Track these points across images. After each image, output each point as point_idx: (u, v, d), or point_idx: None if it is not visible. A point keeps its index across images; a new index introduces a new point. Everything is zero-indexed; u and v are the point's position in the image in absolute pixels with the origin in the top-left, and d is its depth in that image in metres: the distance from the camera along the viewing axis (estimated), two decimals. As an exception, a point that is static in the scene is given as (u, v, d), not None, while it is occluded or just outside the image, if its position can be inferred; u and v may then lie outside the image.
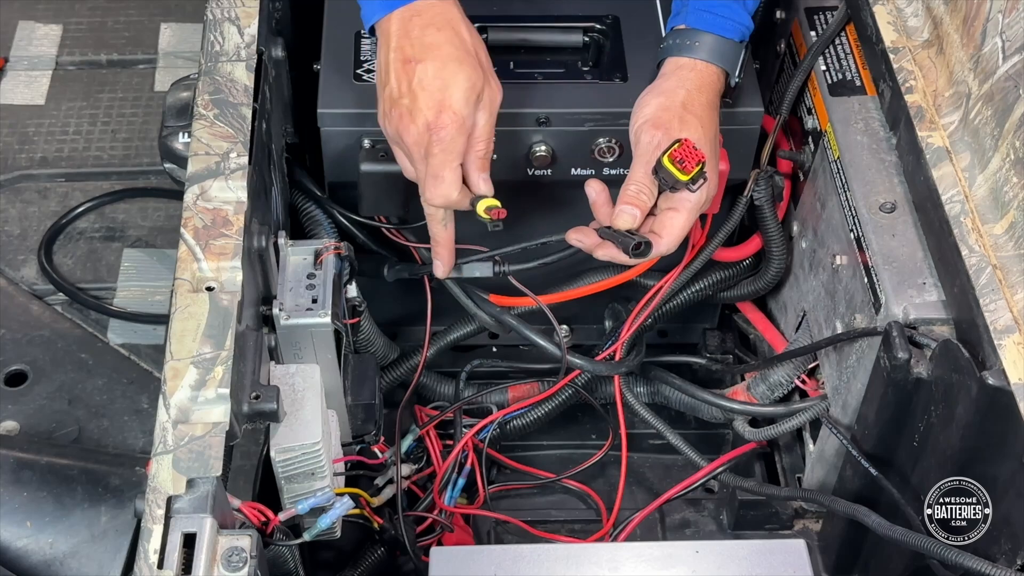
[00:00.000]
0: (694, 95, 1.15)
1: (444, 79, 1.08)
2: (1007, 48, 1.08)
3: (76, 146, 1.86)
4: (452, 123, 1.08)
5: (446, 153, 1.09)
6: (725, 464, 1.35)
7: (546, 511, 1.43)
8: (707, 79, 1.17)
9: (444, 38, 1.09)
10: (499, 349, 1.55)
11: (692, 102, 1.14)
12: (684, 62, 1.17)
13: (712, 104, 1.16)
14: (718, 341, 1.52)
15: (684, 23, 1.19)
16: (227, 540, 0.88)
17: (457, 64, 1.08)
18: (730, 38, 1.18)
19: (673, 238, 1.14)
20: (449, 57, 1.08)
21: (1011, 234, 1.04)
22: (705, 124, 1.14)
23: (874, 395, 1.13)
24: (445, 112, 1.08)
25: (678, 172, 1.09)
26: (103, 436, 1.46)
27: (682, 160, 1.09)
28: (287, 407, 1.06)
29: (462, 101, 1.08)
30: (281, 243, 1.17)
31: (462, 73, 1.08)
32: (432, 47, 1.09)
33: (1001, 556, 1.00)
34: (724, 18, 1.18)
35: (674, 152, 1.09)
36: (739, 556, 1.12)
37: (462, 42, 1.10)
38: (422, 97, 1.08)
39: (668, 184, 1.11)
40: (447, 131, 1.08)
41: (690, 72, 1.17)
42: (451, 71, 1.08)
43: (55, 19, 2.05)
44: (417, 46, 1.09)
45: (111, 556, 1.16)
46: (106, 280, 1.68)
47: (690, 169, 1.09)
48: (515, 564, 1.11)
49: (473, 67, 1.09)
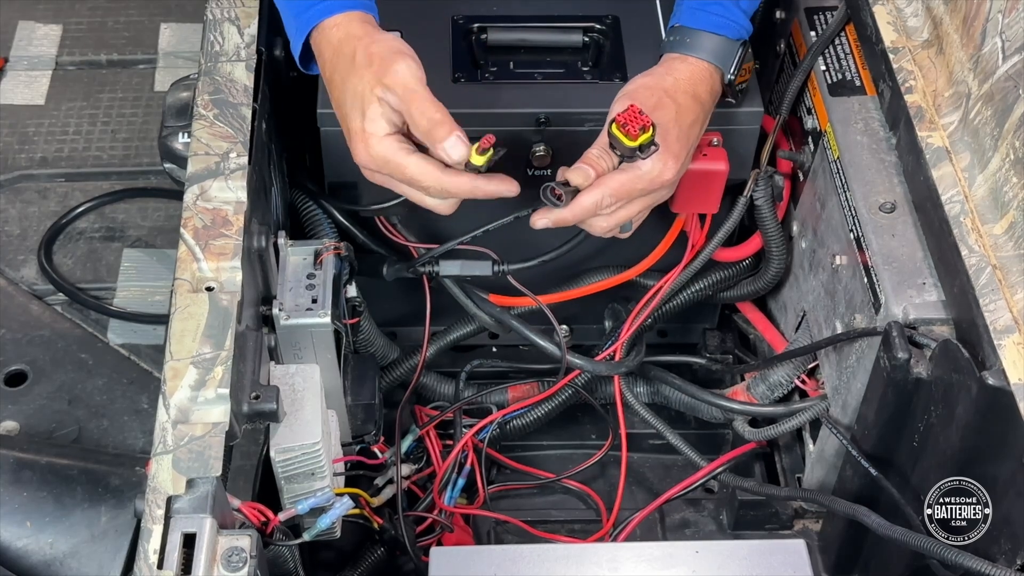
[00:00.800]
0: (680, 84, 1.15)
1: (342, 106, 1.09)
2: (1007, 48, 1.08)
3: (76, 146, 1.86)
4: (360, 144, 1.08)
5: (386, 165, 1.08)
6: (725, 464, 1.35)
7: (546, 511, 1.43)
8: (698, 74, 1.17)
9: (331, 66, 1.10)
10: (499, 349, 1.55)
11: (676, 90, 1.14)
12: (677, 57, 1.18)
13: (697, 97, 1.16)
14: (718, 341, 1.52)
15: (680, 22, 1.20)
16: (227, 540, 0.88)
17: (342, 84, 1.08)
18: (724, 35, 1.17)
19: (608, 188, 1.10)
20: (342, 81, 1.08)
21: (1011, 234, 1.04)
22: (682, 112, 1.13)
23: (874, 395, 1.13)
24: (355, 140, 1.08)
25: (624, 137, 1.07)
26: (103, 436, 1.46)
27: (625, 124, 1.07)
28: (287, 407, 1.06)
29: (358, 118, 1.07)
30: (281, 243, 1.17)
31: (347, 90, 1.08)
32: (330, 82, 1.10)
33: (1001, 556, 1.00)
34: (717, 16, 1.18)
35: (618, 117, 1.08)
36: (739, 556, 1.12)
37: (348, 59, 1.08)
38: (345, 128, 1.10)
39: (620, 152, 1.10)
40: (363, 154, 1.08)
41: (681, 64, 1.17)
42: (340, 94, 1.09)
43: (55, 19, 2.05)
44: (328, 83, 1.11)
45: (111, 556, 1.16)
46: (106, 280, 1.68)
47: (634, 133, 1.07)
48: (515, 564, 1.11)
49: (358, 74, 1.07)
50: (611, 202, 1.12)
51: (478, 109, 1.23)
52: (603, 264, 1.40)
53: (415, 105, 1.06)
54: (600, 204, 1.12)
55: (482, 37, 1.31)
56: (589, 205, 1.11)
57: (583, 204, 1.11)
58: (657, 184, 1.13)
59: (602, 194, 1.11)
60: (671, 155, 1.12)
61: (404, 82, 1.06)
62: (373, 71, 1.06)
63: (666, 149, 1.11)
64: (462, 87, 1.26)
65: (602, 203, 1.12)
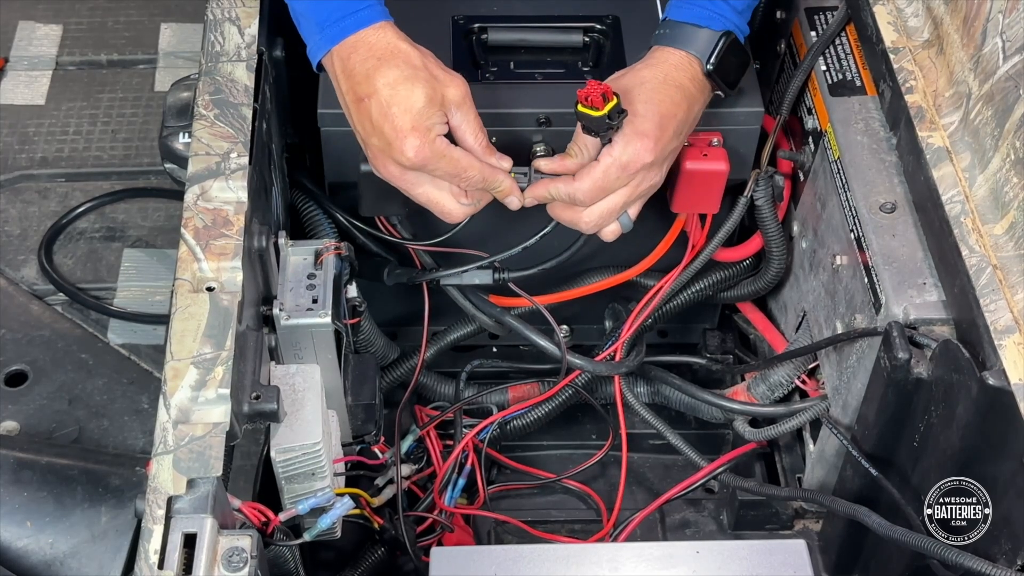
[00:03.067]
0: (650, 70, 1.16)
1: (399, 105, 1.08)
2: (1007, 48, 1.08)
3: (76, 146, 1.86)
4: (422, 139, 1.08)
5: (440, 158, 1.09)
6: (725, 464, 1.35)
7: (546, 511, 1.43)
8: (676, 62, 1.17)
9: (385, 65, 1.09)
10: (499, 349, 1.55)
11: (644, 77, 1.16)
12: (655, 49, 1.20)
13: (671, 81, 1.16)
14: (718, 341, 1.52)
15: (666, 15, 1.22)
16: (227, 540, 0.88)
17: (408, 84, 1.08)
18: (707, 27, 1.18)
19: (583, 186, 1.13)
20: (396, 81, 1.08)
21: (1011, 234, 1.04)
22: (654, 95, 1.14)
23: (874, 395, 1.13)
24: (410, 136, 1.08)
25: (590, 110, 1.09)
26: (103, 436, 1.46)
27: (588, 97, 1.08)
28: (287, 407, 1.06)
29: (423, 116, 1.08)
30: (281, 243, 1.17)
31: (414, 92, 1.08)
32: (376, 78, 1.09)
33: (1001, 556, 1.00)
34: (700, 8, 1.19)
35: (579, 93, 1.09)
36: (739, 556, 1.12)
37: (404, 61, 1.09)
38: (386, 131, 1.08)
39: (594, 128, 1.11)
40: (423, 148, 1.08)
41: (654, 54, 1.19)
42: (403, 94, 1.08)
43: (55, 19, 2.05)
44: (363, 82, 1.09)
45: (111, 556, 1.16)
46: (106, 280, 1.68)
47: (598, 103, 1.08)
48: (515, 564, 1.11)
49: (424, 79, 1.09)
50: (585, 197, 1.14)
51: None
52: (603, 264, 1.40)
53: (471, 123, 1.11)
54: (574, 197, 1.14)
55: (482, 37, 1.31)
56: (562, 192, 1.15)
57: (556, 187, 1.15)
58: (635, 168, 1.13)
59: (576, 188, 1.14)
60: (643, 135, 1.12)
61: (465, 99, 1.11)
62: (439, 83, 1.09)
63: (637, 131, 1.12)
64: (462, 87, 1.26)
65: (575, 197, 1.14)
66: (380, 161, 1.12)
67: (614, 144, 1.12)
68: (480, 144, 1.12)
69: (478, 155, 1.12)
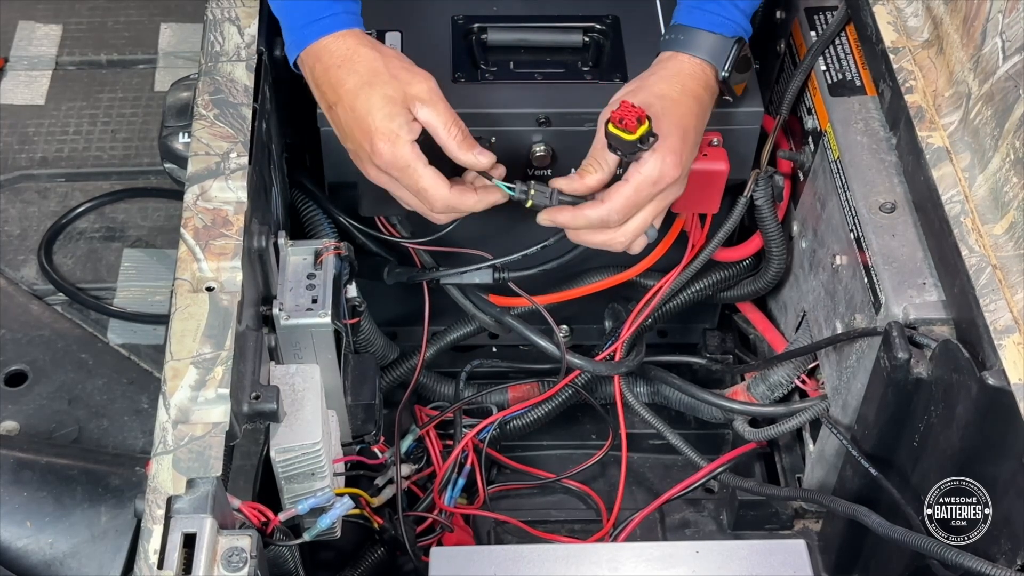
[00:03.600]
0: (667, 81, 1.15)
1: (361, 109, 1.10)
2: (1007, 48, 1.08)
3: (76, 146, 1.86)
4: (386, 143, 1.09)
5: (403, 170, 1.11)
6: (725, 464, 1.35)
7: (546, 511, 1.43)
8: (687, 69, 1.17)
9: (344, 71, 1.11)
10: (499, 349, 1.55)
11: (662, 87, 1.15)
12: (668, 55, 1.18)
13: (688, 91, 1.16)
14: (718, 341, 1.52)
15: (677, 20, 1.20)
16: (227, 540, 0.88)
17: (367, 88, 1.09)
18: (718, 33, 1.18)
19: (614, 206, 1.12)
20: (358, 87, 1.10)
21: (1011, 234, 1.04)
22: (671, 107, 1.13)
23: (874, 395, 1.13)
24: (375, 138, 1.09)
25: (622, 132, 1.08)
26: (103, 436, 1.46)
27: (622, 119, 1.08)
28: (287, 407, 1.06)
29: (385, 119, 1.09)
30: (281, 243, 1.17)
31: (374, 95, 1.09)
32: (340, 84, 1.11)
33: (1001, 556, 1.00)
34: (712, 14, 1.18)
35: (613, 115, 1.08)
36: (739, 556, 1.12)
37: (364, 65, 1.11)
38: (356, 135, 1.11)
39: (622, 150, 1.10)
40: (387, 153, 1.10)
41: (669, 62, 1.18)
42: (363, 99, 1.09)
43: (55, 19, 2.05)
44: (329, 91, 1.12)
45: (111, 556, 1.16)
46: (106, 280, 1.68)
47: (632, 126, 1.07)
48: (515, 564, 1.11)
49: (383, 81, 1.10)
50: (619, 217, 1.13)
51: (478, 109, 1.23)
52: (603, 264, 1.40)
53: (441, 117, 1.11)
54: (607, 220, 1.13)
55: (482, 37, 1.31)
56: (594, 217, 1.13)
57: (586, 215, 1.14)
58: (664, 184, 1.13)
59: (608, 210, 1.12)
60: (670, 151, 1.12)
61: (431, 95, 1.11)
62: (400, 82, 1.10)
63: (664, 146, 1.11)
64: (462, 87, 1.26)
65: (609, 219, 1.13)
66: (359, 163, 1.15)
67: (643, 161, 1.11)
68: (454, 138, 1.12)
69: (453, 150, 1.12)
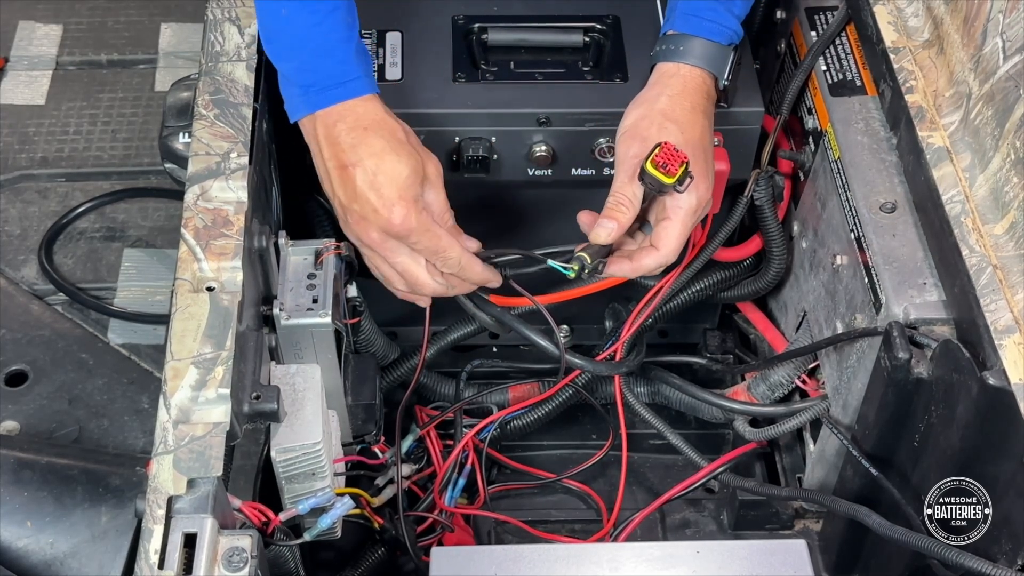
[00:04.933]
0: (676, 100, 1.15)
1: (385, 174, 1.08)
2: (1008, 48, 1.08)
3: (76, 146, 1.86)
4: (409, 208, 1.09)
5: (424, 232, 1.10)
6: (725, 464, 1.35)
7: (546, 511, 1.43)
8: (691, 83, 1.16)
9: (373, 135, 1.09)
10: (499, 349, 1.55)
11: (672, 108, 1.14)
12: (669, 67, 1.18)
13: (697, 107, 1.16)
14: (718, 341, 1.52)
15: (672, 28, 1.19)
16: (228, 540, 0.88)
17: (394, 156, 1.08)
18: (717, 41, 1.17)
19: (670, 248, 1.14)
20: (384, 152, 1.08)
21: (1011, 234, 1.04)
22: (686, 128, 1.13)
23: (874, 395, 1.13)
24: (397, 204, 1.08)
25: (662, 176, 1.09)
26: (103, 436, 1.46)
27: (665, 164, 1.09)
28: (287, 407, 1.06)
29: (409, 188, 1.09)
30: (281, 243, 1.17)
31: (400, 163, 1.08)
32: (363, 147, 1.09)
33: (1001, 556, 1.00)
34: (710, 22, 1.18)
35: (656, 157, 1.09)
36: (740, 556, 1.12)
37: (391, 133, 1.10)
38: (371, 198, 1.08)
39: (655, 189, 1.11)
40: (410, 218, 1.09)
41: (673, 78, 1.17)
42: (389, 164, 1.08)
43: (55, 19, 2.06)
44: (349, 151, 1.09)
45: (111, 556, 1.16)
46: (106, 280, 1.68)
47: (674, 171, 1.09)
48: (515, 564, 1.11)
49: (409, 153, 1.09)
50: (675, 256, 1.16)
51: (478, 109, 1.23)
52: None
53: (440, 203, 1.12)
54: (665, 263, 1.15)
55: (482, 37, 1.31)
56: (653, 265, 1.15)
57: (646, 265, 1.15)
58: (700, 208, 1.15)
59: (665, 255, 1.14)
60: (701, 177, 1.13)
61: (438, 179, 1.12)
62: (417, 157, 1.10)
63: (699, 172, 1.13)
64: (462, 87, 1.26)
65: (668, 262, 1.15)
66: (361, 227, 1.11)
67: (679, 197, 1.12)
68: (447, 225, 1.13)
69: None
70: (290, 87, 1.12)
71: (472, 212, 1.19)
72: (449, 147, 1.25)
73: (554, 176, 1.28)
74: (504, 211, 1.35)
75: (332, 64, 1.09)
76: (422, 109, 1.23)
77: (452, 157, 1.25)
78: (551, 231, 1.33)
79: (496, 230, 1.32)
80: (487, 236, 1.32)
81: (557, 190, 1.33)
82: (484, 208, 1.32)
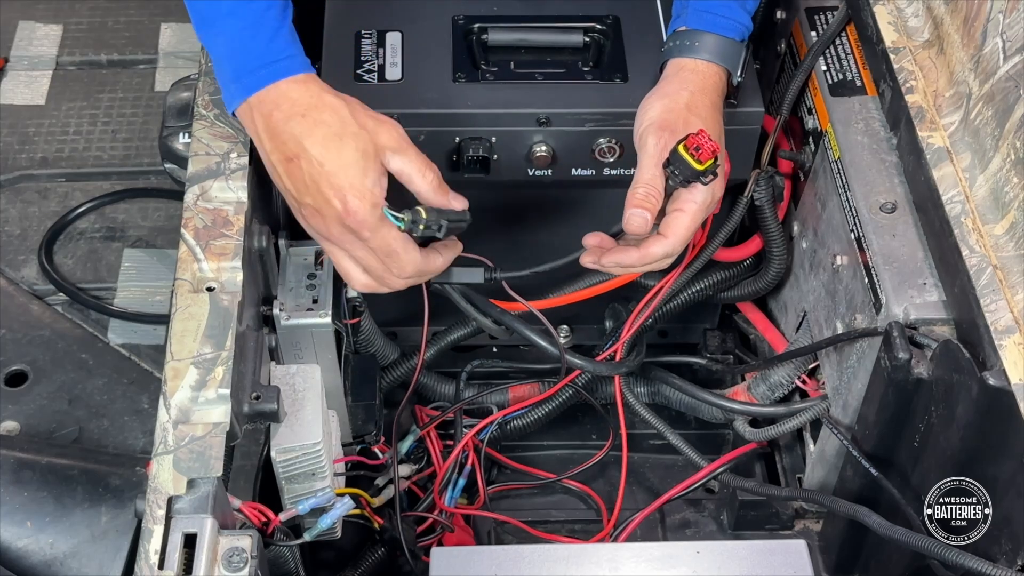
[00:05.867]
0: (697, 97, 1.14)
1: (332, 164, 1.02)
2: (1008, 48, 1.08)
3: (76, 146, 1.86)
4: (361, 201, 1.02)
5: (375, 231, 1.04)
6: (725, 464, 1.35)
7: (546, 511, 1.43)
8: (709, 80, 1.16)
9: (312, 121, 1.02)
10: (499, 349, 1.55)
11: (696, 104, 1.14)
12: (686, 63, 1.17)
13: (715, 105, 1.16)
14: (718, 341, 1.52)
15: (685, 24, 1.19)
16: (228, 540, 0.88)
17: (337, 140, 1.02)
18: (731, 37, 1.17)
19: (680, 237, 1.12)
20: (327, 137, 1.02)
21: (1012, 234, 1.04)
22: (709, 125, 1.13)
23: (874, 395, 1.13)
24: (348, 195, 1.02)
25: (694, 161, 1.07)
26: (103, 436, 1.46)
27: (698, 148, 1.06)
28: (287, 407, 1.06)
29: (359, 175, 1.02)
30: (282, 243, 1.17)
31: (346, 148, 1.02)
32: (305, 136, 1.02)
33: (1002, 556, 1.00)
34: (724, 18, 1.17)
35: (690, 140, 1.07)
36: (740, 556, 1.12)
37: (332, 114, 1.03)
38: (323, 191, 1.02)
39: (681, 176, 1.09)
40: (361, 211, 1.02)
41: (692, 73, 1.16)
42: (334, 152, 1.02)
43: (55, 19, 2.06)
44: (291, 141, 1.03)
45: (111, 556, 1.16)
46: (106, 280, 1.68)
47: (706, 158, 1.07)
48: (515, 564, 1.11)
49: (354, 134, 1.03)
50: (682, 247, 1.14)
51: (478, 109, 1.23)
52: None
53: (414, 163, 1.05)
54: (672, 253, 1.13)
55: (482, 37, 1.31)
56: (660, 254, 1.12)
57: (652, 252, 1.12)
58: (713, 205, 1.14)
59: (674, 244, 1.12)
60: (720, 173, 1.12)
61: (400, 142, 1.05)
62: (368, 133, 1.04)
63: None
64: (462, 87, 1.26)
65: (674, 252, 1.13)
66: (317, 221, 1.05)
67: (697, 190, 1.10)
68: (430, 184, 1.06)
69: (429, 195, 1.07)
70: (223, 74, 1.07)
71: (472, 212, 1.19)
72: (449, 147, 1.25)
73: (554, 176, 1.28)
74: (504, 211, 1.35)
75: (261, 44, 1.04)
76: (422, 109, 1.23)
77: (452, 157, 1.25)
78: (551, 231, 1.33)
79: (496, 230, 1.32)
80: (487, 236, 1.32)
81: (557, 190, 1.33)
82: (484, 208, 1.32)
